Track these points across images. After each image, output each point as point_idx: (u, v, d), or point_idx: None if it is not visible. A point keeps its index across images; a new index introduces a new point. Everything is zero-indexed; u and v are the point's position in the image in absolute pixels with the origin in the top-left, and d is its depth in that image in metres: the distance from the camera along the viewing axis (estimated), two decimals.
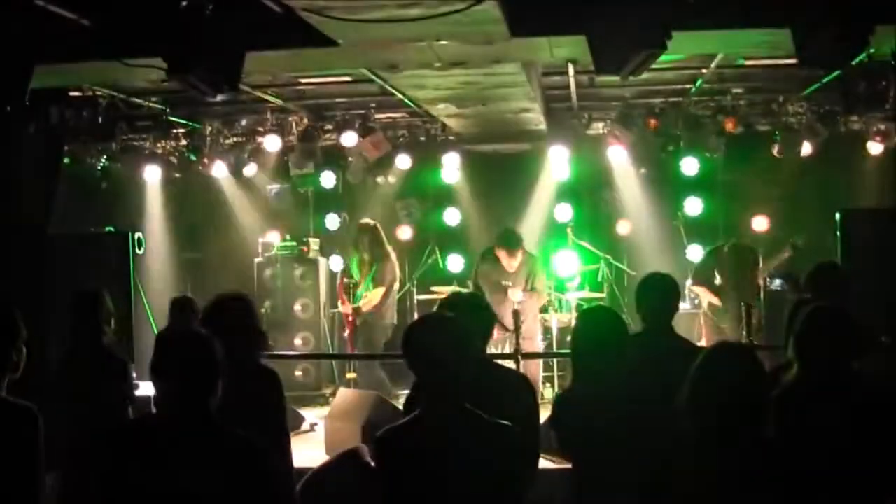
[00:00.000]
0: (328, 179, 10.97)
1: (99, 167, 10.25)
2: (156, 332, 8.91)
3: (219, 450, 3.07)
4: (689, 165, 10.15)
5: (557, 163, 10.43)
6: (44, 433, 3.46)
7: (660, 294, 4.71)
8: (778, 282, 7.16)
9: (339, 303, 9.51)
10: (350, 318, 9.14)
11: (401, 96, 8.48)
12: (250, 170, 10.63)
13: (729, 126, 9.52)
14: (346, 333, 9.42)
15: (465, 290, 7.88)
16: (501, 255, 8.47)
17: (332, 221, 11.29)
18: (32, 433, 3.42)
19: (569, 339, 4.71)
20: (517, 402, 3.86)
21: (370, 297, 8.86)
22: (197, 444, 3.06)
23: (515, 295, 8.37)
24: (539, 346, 8.87)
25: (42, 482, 3.46)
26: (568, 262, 9.96)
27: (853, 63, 5.65)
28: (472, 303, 4.21)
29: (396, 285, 9.14)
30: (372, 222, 9.18)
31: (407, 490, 3.22)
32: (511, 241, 8.53)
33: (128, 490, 3.04)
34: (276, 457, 3.93)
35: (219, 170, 10.58)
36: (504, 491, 3.21)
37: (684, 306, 8.84)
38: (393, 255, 9.04)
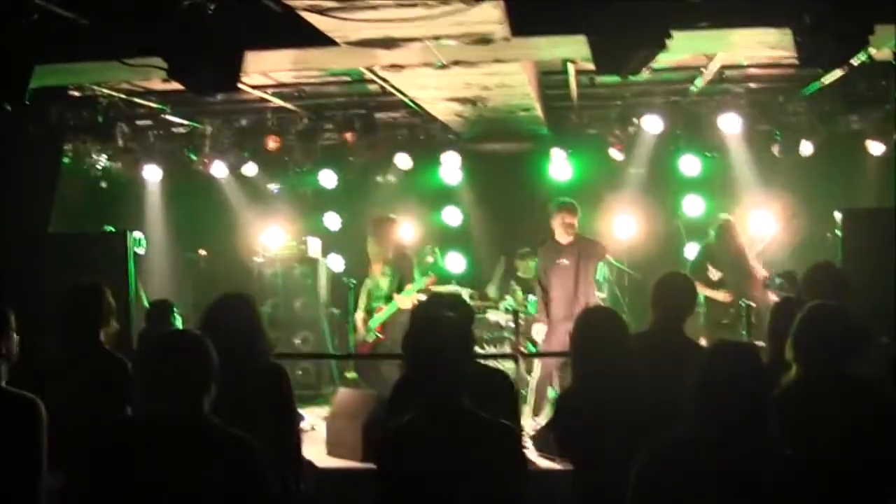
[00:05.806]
0: (328, 179, 10.98)
1: (99, 167, 10.24)
2: None
3: (212, 448, 3.07)
4: (690, 165, 10.15)
5: (557, 163, 10.43)
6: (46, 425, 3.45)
7: (676, 294, 4.72)
8: (778, 281, 7.16)
9: (365, 332, 8.57)
10: (376, 340, 8.50)
11: (401, 96, 8.47)
12: (250, 169, 10.63)
13: (728, 126, 9.52)
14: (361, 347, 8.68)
15: (443, 291, 7.58)
16: None
17: (332, 221, 11.30)
18: (34, 424, 3.41)
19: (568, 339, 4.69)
20: (499, 400, 3.86)
21: (409, 298, 8.26)
22: (190, 442, 3.06)
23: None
24: None
25: (43, 474, 3.45)
26: None
27: (853, 63, 5.64)
28: (451, 303, 4.22)
29: None
30: (394, 216, 9.02)
31: (407, 489, 3.22)
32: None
33: (122, 488, 3.04)
34: (282, 453, 3.93)
35: (219, 169, 10.57)
36: (503, 490, 3.21)
37: None
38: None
